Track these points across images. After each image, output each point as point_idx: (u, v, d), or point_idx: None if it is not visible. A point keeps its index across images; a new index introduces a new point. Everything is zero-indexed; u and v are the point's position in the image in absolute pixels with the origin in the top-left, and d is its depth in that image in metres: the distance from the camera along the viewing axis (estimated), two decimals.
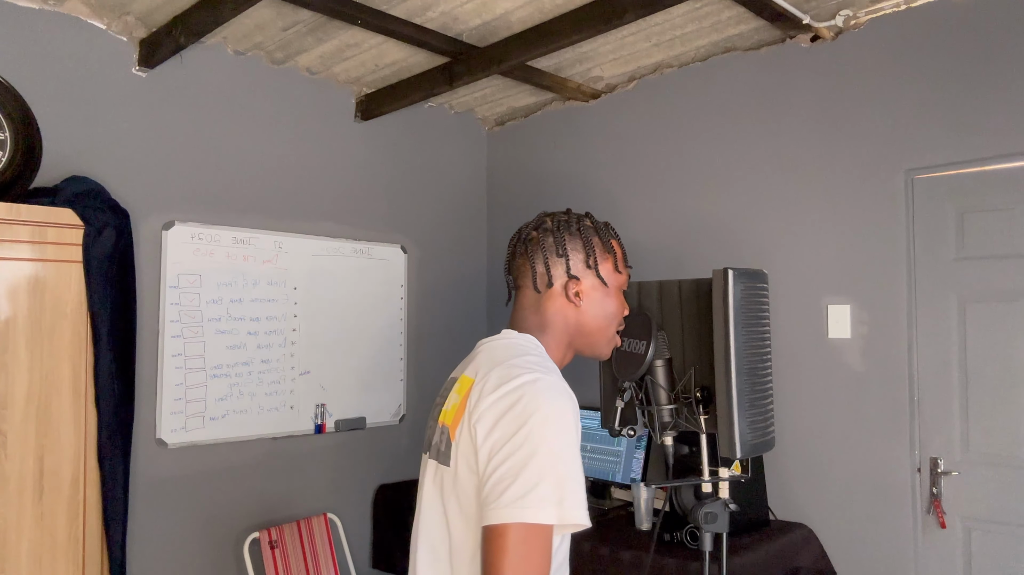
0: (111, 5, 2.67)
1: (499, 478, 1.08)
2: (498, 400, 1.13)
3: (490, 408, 1.13)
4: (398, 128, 3.68)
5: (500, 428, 1.11)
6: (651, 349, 1.71)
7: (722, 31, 2.88)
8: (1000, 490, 2.41)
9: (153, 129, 2.90)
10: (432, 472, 1.23)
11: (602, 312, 1.33)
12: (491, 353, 1.26)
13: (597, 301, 1.32)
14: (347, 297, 3.44)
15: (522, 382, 1.14)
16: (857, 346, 2.69)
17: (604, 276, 1.32)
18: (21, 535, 2.21)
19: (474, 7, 2.65)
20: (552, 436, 1.09)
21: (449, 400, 1.25)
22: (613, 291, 1.34)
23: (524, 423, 1.10)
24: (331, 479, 3.37)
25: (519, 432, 1.09)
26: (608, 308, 1.33)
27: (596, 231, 1.34)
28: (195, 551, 2.94)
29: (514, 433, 1.09)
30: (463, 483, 1.15)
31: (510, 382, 1.14)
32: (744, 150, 3.02)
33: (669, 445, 1.78)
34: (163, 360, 2.86)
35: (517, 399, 1.12)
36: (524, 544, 1.05)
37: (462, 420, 1.17)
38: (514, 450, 1.09)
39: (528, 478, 1.07)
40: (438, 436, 1.24)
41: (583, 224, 1.34)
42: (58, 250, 2.31)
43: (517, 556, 1.05)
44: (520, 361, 1.20)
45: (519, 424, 1.10)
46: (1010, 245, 2.41)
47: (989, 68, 2.43)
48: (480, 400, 1.15)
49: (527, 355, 1.22)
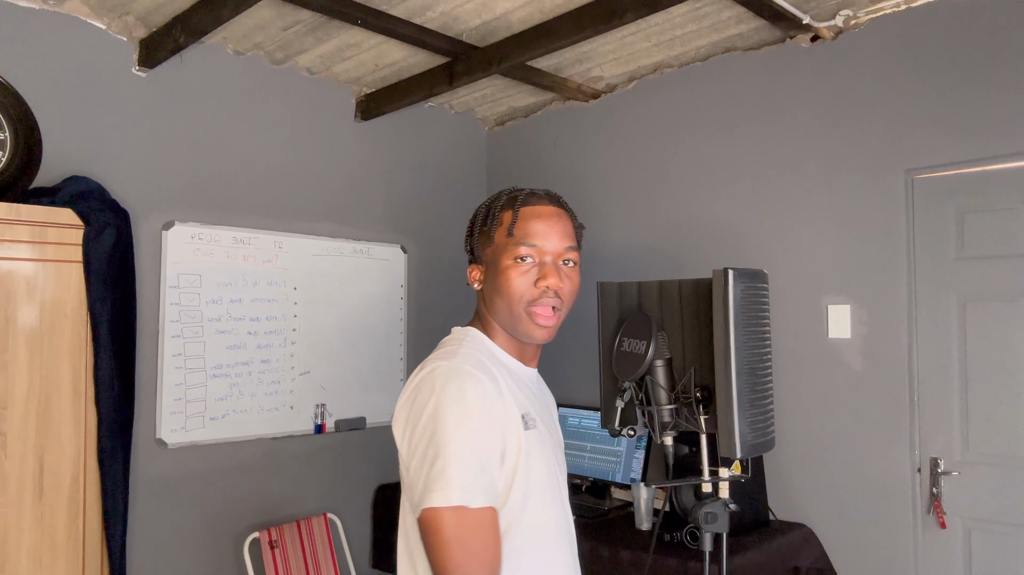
0: (111, 5, 2.67)
1: (413, 472, 1.13)
2: (405, 401, 1.19)
3: (400, 409, 1.19)
4: (398, 128, 3.68)
5: (408, 425, 1.16)
6: (651, 349, 1.71)
7: (722, 31, 2.88)
8: (1000, 490, 2.41)
9: (153, 129, 2.90)
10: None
11: (493, 290, 1.26)
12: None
13: (488, 280, 1.29)
14: (347, 297, 3.44)
15: (420, 376, 1.19)
16: (857, 346, 2.69)
17: (480, 254, 1.31)
18: (21, 535, 2.21)
19: (474, 7, 2.65)
20: (444, 420, 1.11)
21: None
22: (501, 266, 1.25)
23: (420, 415, 1.13)
24: (331, 479, 3.37)
25: (418, 425, 1.13)
26: (497, 284, 1.25)
27: (488, 207, 1.32)
28: (195, 551, 2.94)
29: (415, 426, 1.14)
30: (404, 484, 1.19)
31: (412, 380, 1.20)
32: (744, 150, 3.02)
33: (669, 445, 1.78)
34: (163, 360, 2.86)
35: (416, 394, 1.17)
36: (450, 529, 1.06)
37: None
38: (418, 443, 1.12)
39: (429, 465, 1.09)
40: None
41: (482, 205, 1.34)
42: (58, 250, 2.31)
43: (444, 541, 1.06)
44: (432, 355, 1.24)
45: (417, 417, 1.14)
46: (1010, 245, 2.41)
47: (989, 68, 2.43)
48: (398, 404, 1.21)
49: (443, 347, 1.27)
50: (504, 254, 1.25)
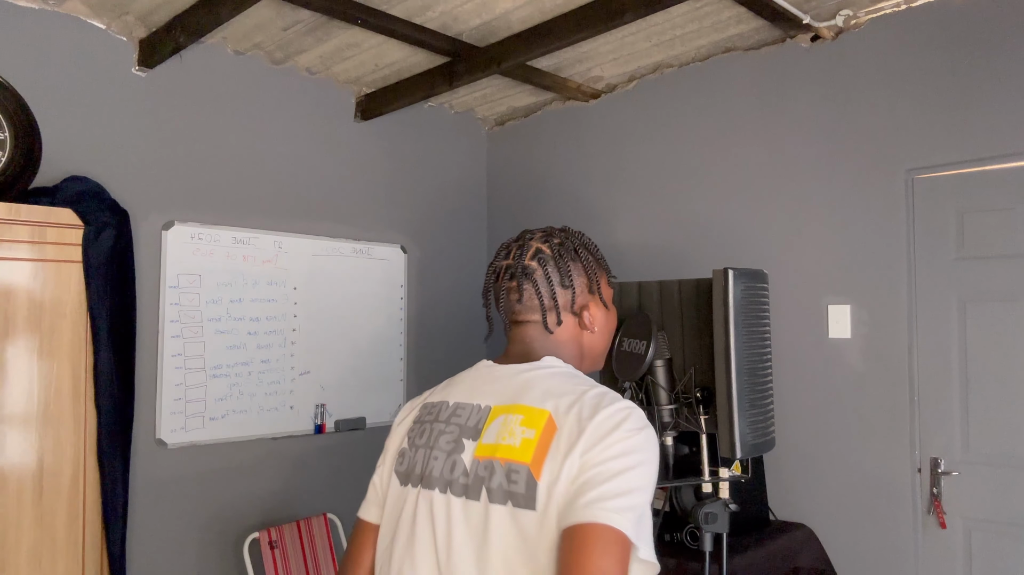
0: (111, 5, 2.67)
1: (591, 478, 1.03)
2: (603, 421, 1.07)
3: (596, 428, 1.07)
4: (398, 128, 3.68)
5: (605, 441, 1.05)
6: (651, 349, 1.71)
7: (722, 31, 2.88)
8: (1000, 490, 2.41)
9: (153, 129, 2.90)
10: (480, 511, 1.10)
11: (609, 330, 1.32)
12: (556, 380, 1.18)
13: (603, 322, 1.30)
14: (347, 297, 3.44)
15: (622, 406, 1.10)
16: (857, 346, 2.69)
17: (605, 298, 1.30)
18: (21, 535, 2.21)
19: (474, 7, 2.65)
20: (650, 462, 1.07)
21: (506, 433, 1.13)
22: (610, 306, 1.33)
23: (630, 438, 1.06)
24: (331, 479, 3.37)
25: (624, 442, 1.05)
26: (612, 325, 1.32)
27: (590, 251, 1.30)
28: (195, 551, 2.94)
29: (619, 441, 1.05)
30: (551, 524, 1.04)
31: (610, 406, 1.09)
32: (744, 150, 3.02)
33: (669, 445, 1.78)
34: (163, 360, 2.86)
35: (623, 419, 1.07)
36: (613, 545, 0.99)
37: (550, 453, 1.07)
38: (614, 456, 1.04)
39: (622, 485, 1.02)
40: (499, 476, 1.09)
41: (579, 247, 1.29)
42: (58, 250, 2.31)
43: (605, 556, 0.98)
44: (603, 390, 1.15)
45: (626, 436, 1.06)
46: (1010, 245, 2.41)
47: (989, 68, 2.43)
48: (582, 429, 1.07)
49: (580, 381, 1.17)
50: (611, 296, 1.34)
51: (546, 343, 1.25)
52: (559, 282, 1.24)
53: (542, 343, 1.25)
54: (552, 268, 1.24)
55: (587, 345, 1.29)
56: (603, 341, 1.31)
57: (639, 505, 1.03)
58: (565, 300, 1.25)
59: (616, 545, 0.99)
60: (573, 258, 1.26)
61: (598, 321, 1.28)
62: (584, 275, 1.26)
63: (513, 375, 1.21)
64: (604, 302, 1.30)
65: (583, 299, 1.26)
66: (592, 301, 1.27)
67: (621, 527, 0.99)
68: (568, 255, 1.26)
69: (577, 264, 1.26)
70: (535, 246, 1.26)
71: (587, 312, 1.27)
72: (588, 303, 1.27)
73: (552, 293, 1.23)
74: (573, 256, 1.26)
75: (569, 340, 1.26)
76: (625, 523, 1.00)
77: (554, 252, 1.25)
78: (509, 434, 1.11)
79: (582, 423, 1.07)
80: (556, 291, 1.24)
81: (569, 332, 1.26)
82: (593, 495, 1.01)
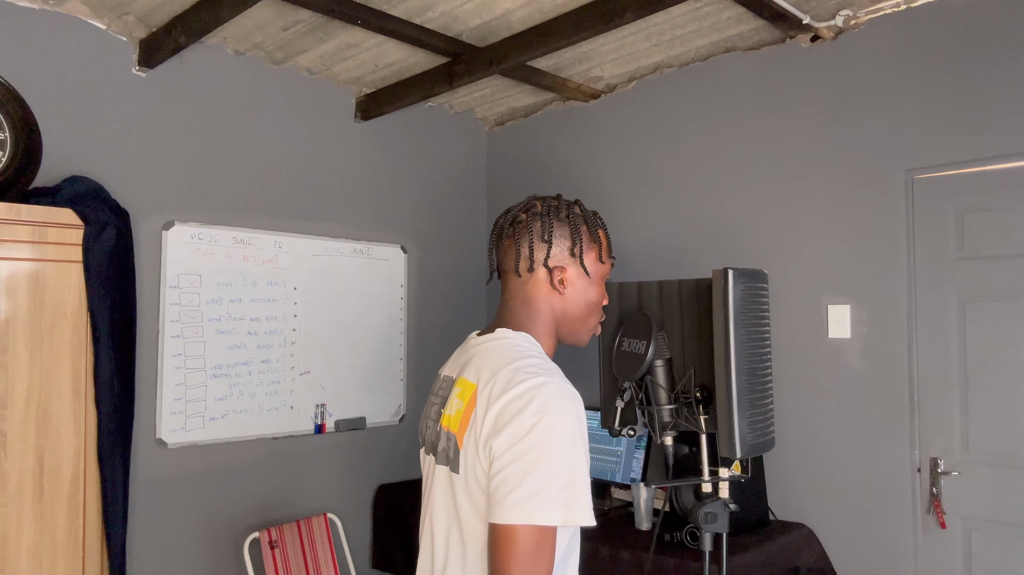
0: (111, 5, 2.67)
1: (506, 478, 1.11)
2: (507, 405, 1.14)
3: (500, 413, 1.15)
4: (398, 128, 3.68)
5: (509, 431, 1.12)
6: (651, 349, 1.71)
7: (722, 31, 2.88)
8: (1000, 490, 2.41)
9: (153, 129, 2.90)
10: (442, 475, 1.25)
11: (584, 300, 1.34)
12: (490, 355, 1.26)
13: (580, 289, 1.33)
14: (347, 297, 3.44)
15: (529, 386, 1.15)
16: (857, 346, 2.69)
17: (588, 266, 1.33)
18: (21, 535, 2.21)
19: (474, 7, 2.65)
20: (560, 440, 1.12)
21: (451, 404, 1.26)
22: (596, 281, 1.35)
23: (533, 427, 1.11)
24: (331, 479, 3.37)
25: (528, 435, 1.11)
26: (590, 297, 1.34)
27: (584, 219, 1.35)
28: (195, 551, 2.94)
29: (523, 436, 1.11)
30: (473, 488, 1.17)
31: (517, 386, 1.15)
32: (744, 150, 3.02)
33: (669, 445, 1.79)
34: (163, 360, 2.86)
35: (526, 403, 1.13)
36: (532, 544, 1.08)
37: (469, 426, 1.19)
38: (523, 452, 1.11)
39: (536, 481, 1.09)
40: (444, 441, 1.25)
41: (572, 211, 1.34)
42: (58, 250, 2.31)
43: (525, 557, 1.08)
44: (523, 364, 1.20)
45: (528, 427, 1.12)
46: (1010, 245, 2.41)
47: (989, 68, 2.43)
48: (489, 407, 1.16)
49: (528, 357, 1.23)
50: (603, 272, 1.37)
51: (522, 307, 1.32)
52: (539, 235, 1.31)
53: (521, 303, 1.32)
54: (536, 222, 1.31)
55: (559, 309, 1.33)
56: (578, 309, 1.34)
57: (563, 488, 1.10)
58: (540, 254, 1.31)
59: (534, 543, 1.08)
60: (561, 219, 1.33)
61: (571, 283, 1.32)
62: (568, 238, 1.32)
63: (473, 347, 1.32)
64: (586, 270, 1.33)
65: (561, 259, 1.31)
66: (572, 264, 1.32)
67: (545, 522, 1.08)
68: (556, 215, 1.33)
69: (563, 226, 1.32)
70: (533, 202, 1.35)
71: (561, 272, 1.31)
72: (566, 265, 1.32)
73: (530, 242, 1.30)
74: (562, 218, 1.33)
75: (542, 300, 1.32)
76: (550, 516, 1.09)
77: (544, 209, 1.33)
78: (452, 405, 1.26)
79: (490, 403, 1.17)
80: (534, 242, 1.31)
81: (542, 292, 1.32)
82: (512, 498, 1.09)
